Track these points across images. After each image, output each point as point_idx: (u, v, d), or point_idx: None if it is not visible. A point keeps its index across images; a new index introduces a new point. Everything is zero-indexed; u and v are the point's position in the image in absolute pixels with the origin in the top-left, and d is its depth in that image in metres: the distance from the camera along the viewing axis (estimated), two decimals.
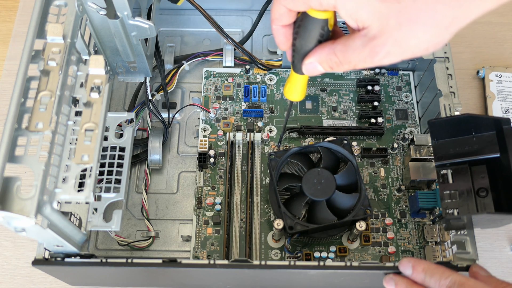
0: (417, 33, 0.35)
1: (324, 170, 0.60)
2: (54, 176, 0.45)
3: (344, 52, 0.40)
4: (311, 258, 0.61)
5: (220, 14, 0.78)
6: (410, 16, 0.35)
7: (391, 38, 0.36)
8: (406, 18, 0.35)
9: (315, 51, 0.42)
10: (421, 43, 0.36)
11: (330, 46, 0.41)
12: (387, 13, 0.35)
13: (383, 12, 0.35)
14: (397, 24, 0.35)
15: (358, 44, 0.38)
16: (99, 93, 0.48)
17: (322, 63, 0.42)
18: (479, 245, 0.55)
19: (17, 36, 0.80)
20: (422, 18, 0.35)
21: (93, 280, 0.61)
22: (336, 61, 0.41)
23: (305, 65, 0.43)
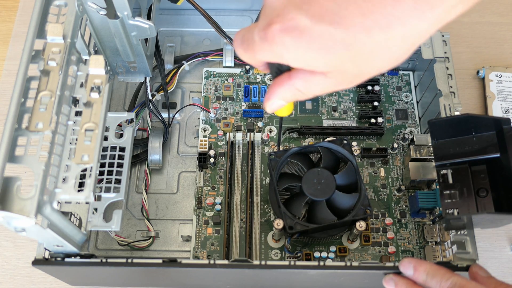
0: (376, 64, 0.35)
1: (324, 170, 0.60)
2: (54, 176, 0.45)
3: (306, 87, 0.37)
4: (311, 258, 0.61)
5: (220, 14, 0.78)
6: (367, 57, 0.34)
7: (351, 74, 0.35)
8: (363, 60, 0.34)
9: (274, 89, 0.39)
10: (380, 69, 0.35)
11: (288, 82, 0.38)
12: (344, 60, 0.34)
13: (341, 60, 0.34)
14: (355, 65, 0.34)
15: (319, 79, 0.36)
16: (99, 93, 0.48)
17: (286, 99, 0.40)
18: (479, 245, 0.55)
19: (17, 36, 0.80)
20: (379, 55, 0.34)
21: (93, 280, 0.61)
22: (300, 94, 0.38)
23: (268, 106, 0.41)
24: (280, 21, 0.33)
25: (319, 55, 0.33)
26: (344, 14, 0.31)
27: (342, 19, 0.31)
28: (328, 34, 0.32)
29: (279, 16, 0.33)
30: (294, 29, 0.33)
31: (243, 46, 0.37)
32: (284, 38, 0.33)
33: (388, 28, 0.31)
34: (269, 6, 0.35)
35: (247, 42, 0.36)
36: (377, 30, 0.31)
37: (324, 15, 0.32)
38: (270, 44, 0.34)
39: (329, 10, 0.32)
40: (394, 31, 0.31)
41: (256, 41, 0.35)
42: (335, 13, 0.31)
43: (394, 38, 0.32)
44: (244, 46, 0.37)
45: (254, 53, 0.36)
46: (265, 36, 0.34)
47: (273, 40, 0.34)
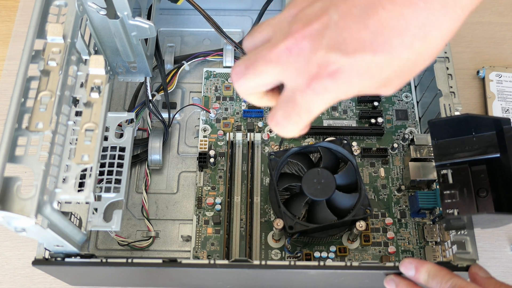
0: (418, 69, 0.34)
1: (324, 170, 0.60)
2: (54, 176, 0.45)
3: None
4: (311, 258, 0.61)
5: (220, 14, 0.78)
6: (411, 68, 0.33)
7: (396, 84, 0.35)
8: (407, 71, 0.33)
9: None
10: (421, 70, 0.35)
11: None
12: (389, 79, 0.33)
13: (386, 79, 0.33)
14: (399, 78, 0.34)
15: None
16: (99, 93, 0.48)
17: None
18: (479, 245, 0.55)
19: (17, 36, 0.80)
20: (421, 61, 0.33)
21: (93, 280, 0.61)
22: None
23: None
24: (323, 70, 0.32)
25: (369, 83, 0.33)
26: (382, 40, 0.31)
27: (381, 45, 0.31)
28: (373, 64, 0.31)
29: (319, 66, 0.32)
30: (340, 72, 0.32)
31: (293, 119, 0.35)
32: (334, 83, 0.32)
33: (426, 37, 0.31)
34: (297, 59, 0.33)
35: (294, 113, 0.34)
36: (418, 42, 0.31)
37: (363, 47, 0.31)
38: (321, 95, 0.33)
39: (366, 40, 0.31)
40: (432, 37, 0.31)
41: (303, 104, 0.34)
42: (373, 41, 0.31)
43: (434, 42, 0.32)
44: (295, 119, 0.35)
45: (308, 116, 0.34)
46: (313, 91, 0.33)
47: (324, 91, 0.33)
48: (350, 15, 0.31)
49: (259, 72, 0.34)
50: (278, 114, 0.35)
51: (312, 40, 0.32)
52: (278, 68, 0.34)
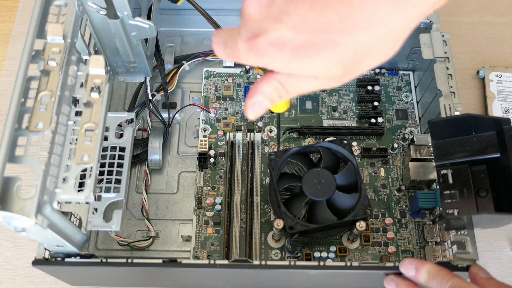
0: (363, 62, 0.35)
1: (324, 170, 0.60)
2: (54, 176, 0.45)
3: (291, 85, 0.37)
4: (311, 258, 0.61)
5: (220, 14, 0.77)
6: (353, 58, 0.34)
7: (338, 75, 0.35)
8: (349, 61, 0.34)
9: (256, 86, 0.38)
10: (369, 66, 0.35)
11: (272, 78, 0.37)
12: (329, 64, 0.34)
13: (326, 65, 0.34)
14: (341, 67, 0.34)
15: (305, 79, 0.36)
16: (99, 93, 0.48)
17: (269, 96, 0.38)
18: (479, 245, 0.55)
19: (17, 36, 0.80)
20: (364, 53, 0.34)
21: (93, 280, 0.61)
22: (284, 92, 0.37)
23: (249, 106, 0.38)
24: (263, 33, 0.33)
25: (304, 63, 0.33)
26: (324, 21, 0.31)
27: (322, 26, 0.31)
28: (310, 43, 0.32)
29: (262, 29, 0.33)
30: (277, 41, 0.33)
31: (227, 51, 0.37)
32: (270, 49, 0.33)
33: (370, 27, 0.31)
34: (248, 16, 0.35)
35: (231, 48, 0.36)
36: (359, 31, 0.31)
37: (305, 25, 0.32)
38: (256, 54, 0.34)
39: (308, 19, 0.32)
40: (376, 30, 0.31)
41: (241, 49, 0.35)
42: (315, 21, 0.31)
43: (378, 36, 0.32)
44: (228, 51, 0.37)
45: (239, 59, 0.36)
46: (251, 47, 0.34)
47: (259, 51, 0.34)
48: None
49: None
50: (222, 35, 0.37)
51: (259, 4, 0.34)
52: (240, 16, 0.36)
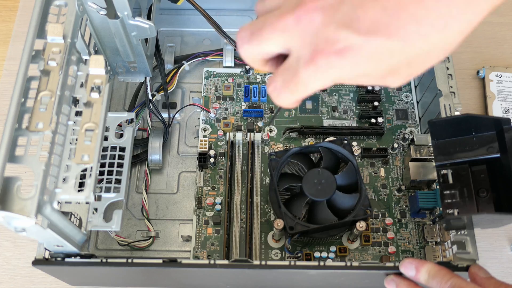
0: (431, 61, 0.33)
1: (325, 170, 0.60)
2: (54, 176, 0.45)
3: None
4: (311, 258, 0.61)
5: (220, 14, 0.78)
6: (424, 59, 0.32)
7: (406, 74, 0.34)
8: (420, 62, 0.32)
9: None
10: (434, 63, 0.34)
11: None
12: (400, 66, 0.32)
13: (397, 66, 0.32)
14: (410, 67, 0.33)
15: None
16: (99, 93, 0.48)
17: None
18: (479, 245, 0.55)
19: (17, 36, 0.80)
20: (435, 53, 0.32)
21: (93, 280, 0.61)
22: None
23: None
24: (330, 46, 0.30)
25: (376, 68, 0.31)
26: (398, 25, 0.29)
27: (396, 30, 0.29)
28: (384, 48, 0.30)
29: (327, 41, 0.31)
30: (348, 51, 0.30)
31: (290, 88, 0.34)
32: (340, 62, 0.31)
33: (445, 28, 0.29)
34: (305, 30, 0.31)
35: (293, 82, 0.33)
36: (434, 33, 0.30)
37: (377, 29, 0.30)
38: (325, 72, 0.32)
39: (381, 22, 0.29)
40: (450, 30, 0.30)
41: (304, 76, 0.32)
42: (388, 24, 0.29)
43: (451, 35, 0.30)
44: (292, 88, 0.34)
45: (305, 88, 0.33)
46: (316, 66, 0.31)
47: (328, 67, 0.31)
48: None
49: (264, 39, 0.34)
50: (277, 80, 0.34)
51: (324, 13, 0.31)
52: (284, 37, 0.33)
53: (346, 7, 0.30)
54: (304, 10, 0.31)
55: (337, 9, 0.30)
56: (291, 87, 0.34)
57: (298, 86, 0.33)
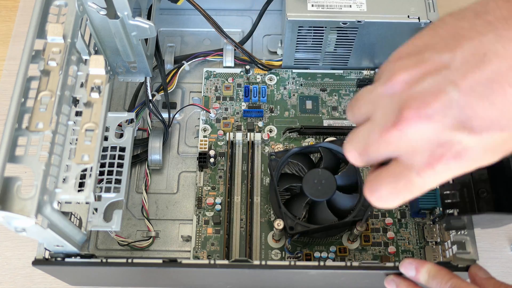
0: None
1: (325, 171, 0.60)
2: (54, 176, 0.45)
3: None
4: (311, 258, 0.61)
5: (220, 14, 0.78)
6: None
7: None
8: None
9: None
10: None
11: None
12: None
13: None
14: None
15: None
16: (99, 93, 0.48)
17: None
18: (479, 245, 0.55)
19: (17, 36, 0.80)
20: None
21: (93, 280, 0.61)
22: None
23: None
24: (446, 150, 0.30)
25: (491, 158, 0.31)
26: (509, 116, 0.29)
27: (508, 121, 0.29)
28: (499, 140, 0.30)
29: (442, 146, 0.30)
30: (465, 152, 0.30)
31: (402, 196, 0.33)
32: (458, 164, 0.31)
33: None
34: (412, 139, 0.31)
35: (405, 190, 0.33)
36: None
37: (490, 125, 0.29)
38: (441, 176, 0.32)
39: (492, 118, 0.29)
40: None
41: (419, 182, 0.32)
42: (500, 118, 0.29)
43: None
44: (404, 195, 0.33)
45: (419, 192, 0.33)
46: (434, 171, 0.31)
47: (446, 171, 0.31)
48: (473, 93, 0.29)
49: (372, 157, 0.34)
50: (383, 189, 0.34)
51: (431, 121, 0.30)
52: (390, 150, 0.33)
53: (454, 110, 0.30)
54: (406, 123, 0.31)
55: (445, 114, 0.30)
56: (403, 194, 0.33)
57: (412, 192, 0.33)
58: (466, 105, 0.29)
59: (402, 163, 0.32)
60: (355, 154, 0.35)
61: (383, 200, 0.34)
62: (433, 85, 0.30)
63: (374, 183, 0.34)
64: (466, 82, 0.29)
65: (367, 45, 0.68)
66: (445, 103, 0.30)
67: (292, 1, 0.64)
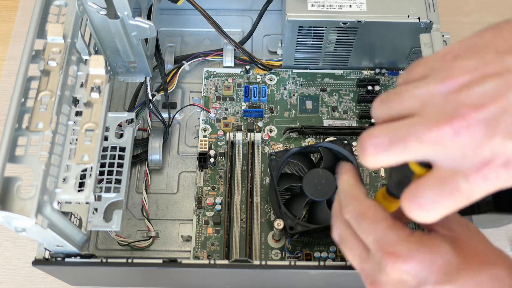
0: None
1: (325, 171, 0.60)
2: (55, 176, 0.45)
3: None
4: (311, 258, 0.61)
5: (220, 14, 0.78)
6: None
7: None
8: None
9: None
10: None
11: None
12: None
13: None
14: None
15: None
16: (99, 93, 0.48)
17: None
18: None
19: (17, 36, 0.80)
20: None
21: (93, 280, 0.61)
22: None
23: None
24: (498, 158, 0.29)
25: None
26: None
27: None
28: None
29: (494, 153, 0.29)
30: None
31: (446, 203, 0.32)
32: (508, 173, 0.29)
33: None
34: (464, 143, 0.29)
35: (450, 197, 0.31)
36: None
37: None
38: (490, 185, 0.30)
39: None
40: None
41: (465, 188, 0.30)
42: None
43: None
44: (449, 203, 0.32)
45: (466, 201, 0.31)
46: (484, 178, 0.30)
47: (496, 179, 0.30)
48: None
49: (408, 150, 0.31)
50: (425, 196, 0.32)
51: (486, 125, 0.29)
52: (434, 149, 0.31)
53: (509, 117, 0.28)
54: (463, 123, 0.29)
55: (499, 120, 0.29)
56: (447, 202, 0.31)
57: (457, 200, 0.31)
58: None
59: (448, 167, 0.31)
60: (384, 140, 0.32)
61: (425, 208, 0.32)
62: (494, 88, 0.29)
63: (415, 189, 0.32)
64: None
65: (367, 45, 0.68)
66: (502, 107, 0.29)
67: (292, 1, 0.64)
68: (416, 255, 0.35)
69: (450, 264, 0.35)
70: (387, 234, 0.36)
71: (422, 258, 0.35)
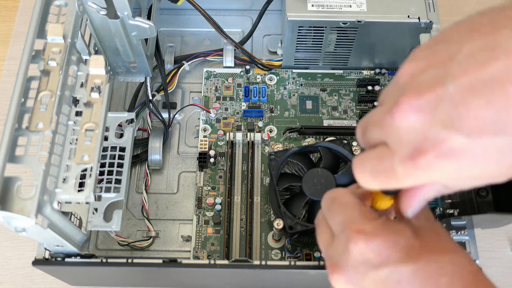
0: None
1: (324, 170, 0.60)
2: (55, 176, 0.45)
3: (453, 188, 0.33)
4: (311, 258, 0.61)
5: (220, 14, 0.78)
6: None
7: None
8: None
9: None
10: None
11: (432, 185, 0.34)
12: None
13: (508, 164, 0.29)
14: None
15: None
16: (99, 93, 0.48)
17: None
18: (479, 245, 0.55)
19: (17, 36, 0.80)
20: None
21: (93, 280, 0.61)
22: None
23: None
24: (431, 146, 0.28)
25: (483, 170, 0.29)
26: (508, 121, 0.26)
27: (506, 126, 0.27)
28: (493, 148, 0.27)
29: (428, 141, 0.29)
30: (451, 153, 0.28)
31: (379, 179, 0.33)
32: (441, 164, 0.29)
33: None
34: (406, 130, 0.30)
35: (384, 175, 0.32)
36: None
37: (483, 127, 0.27)
38: (423, 173, 0.30)
39: (487, 119, 0.27)
40: None
41: (400, 172, 0.31)
42: (496, 120, 0.27)
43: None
44: (381, 179, 0.32)
45: (397, 184, 0.32)
46: (415, 165, 0.29)
47: (427, 168, 0.29)
48: (470, 89, 0.27)
49: (368, 138, 0.34)
50: (367, 164, 0.34)
51: (421, 112, 0.29)
52: (381, 132, 0.32)
53: (446, 105, 0.28)
54: (399, 110, 0.30)
55: (436, 108, 0.28)
56: (380, 178, 0.33)
57: (388, 179, 0.32)
58: (460, 101, 0.27)
59: (389, 148, 0.32)
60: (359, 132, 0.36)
61: (364, 177, 0.34)
62: (433, 76, 0.29)
63: (361, 157, 0.34)
64: (466, 77, 0.27)
65: (367, 45, 0.68)
66: (439, 95, 0.28)
67: (292, 1, 0.64)
68: (380, 234, 0.36)
69: (413, 247, 0.35)
70: (354, 215, 0.38)
71: (386, 237, 0.35)
